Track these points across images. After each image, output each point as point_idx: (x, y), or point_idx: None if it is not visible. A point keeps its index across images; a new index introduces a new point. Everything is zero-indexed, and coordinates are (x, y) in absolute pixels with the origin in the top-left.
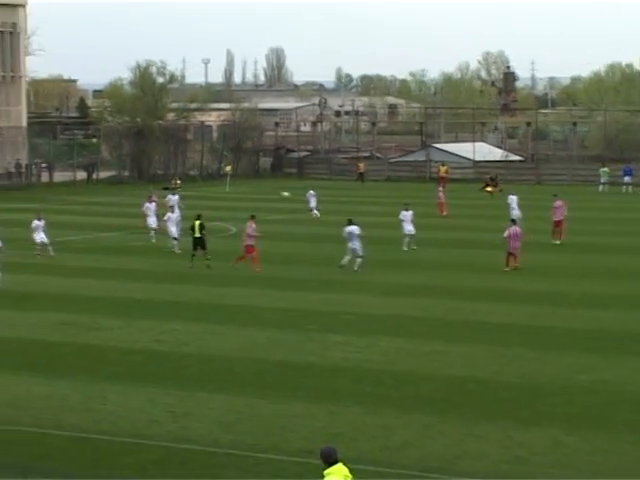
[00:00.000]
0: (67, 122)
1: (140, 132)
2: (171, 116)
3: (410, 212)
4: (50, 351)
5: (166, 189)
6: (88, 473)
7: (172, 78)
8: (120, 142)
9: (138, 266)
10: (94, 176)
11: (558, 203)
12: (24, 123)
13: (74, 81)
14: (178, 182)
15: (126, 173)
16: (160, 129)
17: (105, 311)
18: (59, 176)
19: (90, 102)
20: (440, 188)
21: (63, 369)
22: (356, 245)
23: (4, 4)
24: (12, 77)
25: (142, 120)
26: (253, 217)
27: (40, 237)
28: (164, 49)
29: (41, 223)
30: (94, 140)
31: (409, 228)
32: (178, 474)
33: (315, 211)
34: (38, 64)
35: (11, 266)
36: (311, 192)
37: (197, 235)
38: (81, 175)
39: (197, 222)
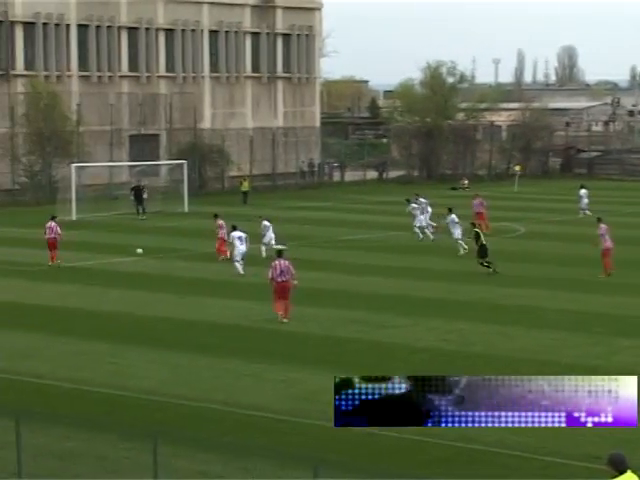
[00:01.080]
0: (358, 122)
1: (429, 132)
2: (460, 116)
3: None
4: (340, 347)
5: (454, 189)
6: (378, 468)
7: (462, 78)
8: (409, 142)
9: (426, 265)
10: (384, 176)
11: None
12: (317, 123)
13: (366, 82)
14: (466, 182)
15: (415, 173)
16: (449, 129)
17: (394, 309)
18: (350, 175)
19: (381, 102)
20: None
21: (351, 365)
22: None
23: (301, 8)
24: (307, 79)
25: (432, 120)
26: (600, 219)
27: (269, 237)
28: (454, 49)
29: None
30: (384, 140)
31: None
32: (464, 474)
33: (586, 211)
34: (331, 65)
35: (303, 263)
36: (583, 192)
37: (483, 242)
38: (371, 175)
39: (477, 230)
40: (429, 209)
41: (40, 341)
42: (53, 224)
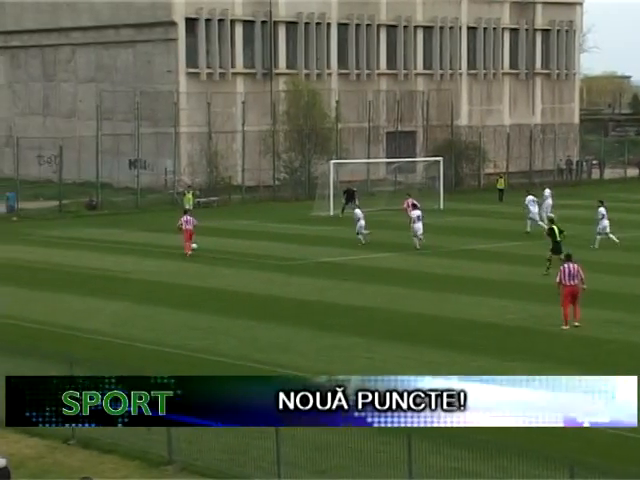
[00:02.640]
0: (619, 119)
1: None
2: None
3: None
4: (595, 348)
5: None
6: (634, 472)
7: None
8: None
9: None
10: None
11: None
12: (576, 120)
13: (628, 77)
14: None
15: None
16: None
17: None
18: (609, 173)
19: None
20: None
21: (605, 365)
22: None
23: (561, 3)
24: (566, 75)
25: None
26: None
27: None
28: None
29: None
30: None
31: None
32: None
33: None
34: (592, 61)
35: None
36: None
37: (558, 239)
38: (632, 172)
39: (556, 227)
40: (550, 201)
41: (298, 335)
42: (188, 217)
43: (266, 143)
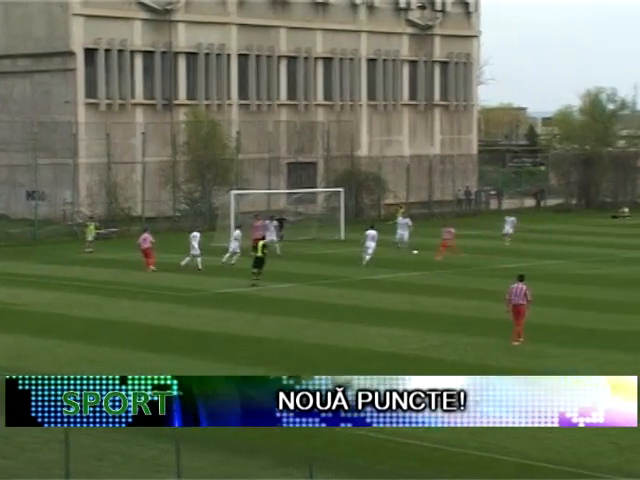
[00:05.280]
0: (516, 150)
1: (588, 160)
2: (621, 143)
3: None
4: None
5: (614, 217)
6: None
7: (623, 105)
8: (568, 170)
9: (589, 295)
10: (542, 204)
11: None
12: (474, 151)
13: (524, 109)
14: (626, 210)
15: (573, 201)
16: (609, 157)
17: (551, 339)
18: (507, 203)
19: (539, 130)
20: None
21: None
22: None
23: (458, 35)
24: (464, 106)
25: (591, 147)
26: None
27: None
28: (615, 75)
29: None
30: (542, 168)
31: None
32: None
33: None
34: (489, 93)
35: (457, 291)
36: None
37: (259, 255)
38: (529, 203)
39: (261, 243)
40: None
41: (198, 366)
42: (146, 235)
43: (166, 174)
